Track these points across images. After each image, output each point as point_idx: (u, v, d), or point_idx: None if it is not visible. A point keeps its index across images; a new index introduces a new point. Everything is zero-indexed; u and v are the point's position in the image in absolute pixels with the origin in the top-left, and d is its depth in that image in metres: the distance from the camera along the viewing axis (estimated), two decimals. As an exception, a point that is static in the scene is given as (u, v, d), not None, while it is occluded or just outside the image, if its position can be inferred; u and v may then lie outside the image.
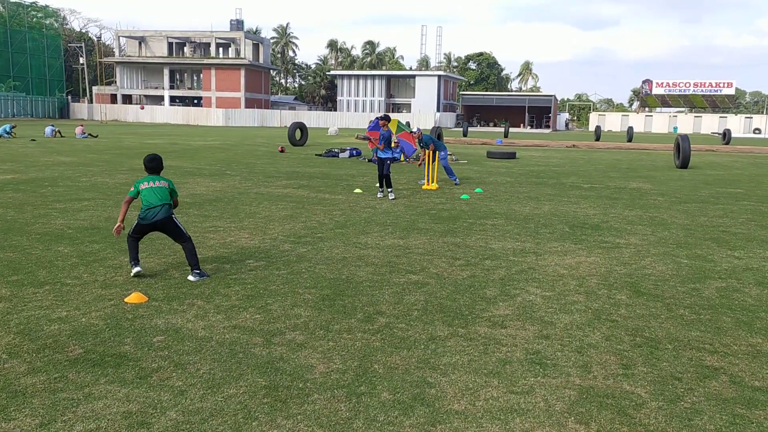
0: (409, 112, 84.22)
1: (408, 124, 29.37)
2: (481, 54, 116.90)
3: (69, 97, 78.52)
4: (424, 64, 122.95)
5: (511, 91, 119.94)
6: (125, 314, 5.22)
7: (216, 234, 8.60)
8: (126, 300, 5.55)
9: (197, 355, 4.43)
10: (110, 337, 4.72)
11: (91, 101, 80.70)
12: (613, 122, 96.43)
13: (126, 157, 20.72)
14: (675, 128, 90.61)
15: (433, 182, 14.72)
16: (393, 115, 67.29)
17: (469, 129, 65.40)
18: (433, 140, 15.12)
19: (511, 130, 72.95)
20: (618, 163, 24.84)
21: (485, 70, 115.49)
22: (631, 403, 3.86)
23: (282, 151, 25.23)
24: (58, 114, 72.27)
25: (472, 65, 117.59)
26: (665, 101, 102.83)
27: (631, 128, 51.89)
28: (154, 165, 6.56)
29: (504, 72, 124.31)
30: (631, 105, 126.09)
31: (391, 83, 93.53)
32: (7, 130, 30.73)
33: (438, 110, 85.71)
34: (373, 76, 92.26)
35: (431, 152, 14.70)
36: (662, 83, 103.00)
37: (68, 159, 19.72)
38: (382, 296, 5.92)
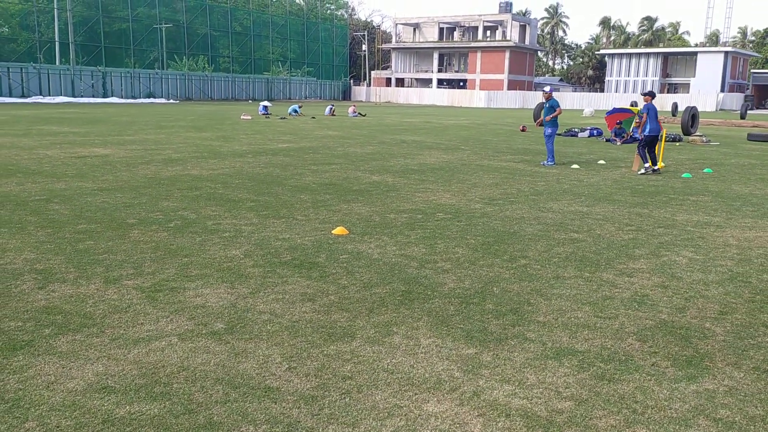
0: (687, 92, 77.51)
1: (675, 106, 27.83)
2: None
3: (351, 80, 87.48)
4: (712, 40, 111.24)
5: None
6: (328, 240, 6.90)
7: (423, 194, 10.06)
8: (333, 232, 7.25)
9: (366, 268, 5.88)
10: (311, 253, 6.41)
11: (369, 84, 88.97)
12: None
13: (382, 133, 23.37)
14: None
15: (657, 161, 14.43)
16: (666, 96, 62.78)
17: (753, 112, 58.23)
18: (550, 109, 14.22)
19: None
20: None
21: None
22: (698, 335, 4.37)
23: (524, 130, 25.99)
24: (342, 96, 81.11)
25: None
26: None
27: None
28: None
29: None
30: None
31: (668, 61, 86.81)
32: (296, 109, 36.18)
33: (722, 91, 77.47)
34: (647, 54, 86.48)
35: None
36: None
37: (334, 133, 22.98)
38: (535, 246, 6.80)
